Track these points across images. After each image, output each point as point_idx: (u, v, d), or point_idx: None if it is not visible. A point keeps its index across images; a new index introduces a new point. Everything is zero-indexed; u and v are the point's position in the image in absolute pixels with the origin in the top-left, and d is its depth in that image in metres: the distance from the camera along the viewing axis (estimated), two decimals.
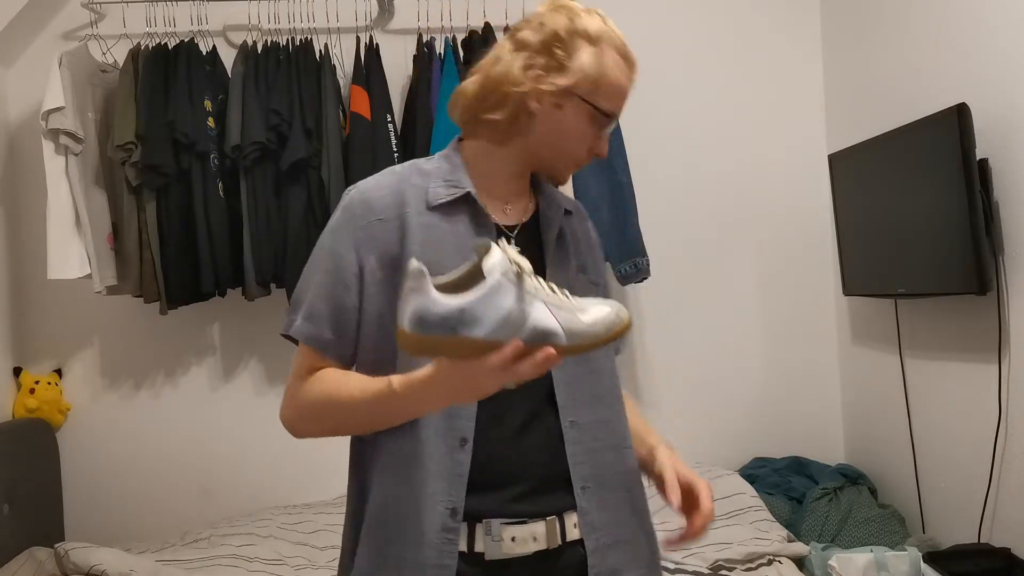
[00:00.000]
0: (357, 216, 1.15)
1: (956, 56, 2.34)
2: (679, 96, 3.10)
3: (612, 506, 1.18)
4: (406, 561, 1.09)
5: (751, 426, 3.13)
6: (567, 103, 1.14)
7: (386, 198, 1.15)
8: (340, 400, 1.10)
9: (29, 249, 2.89)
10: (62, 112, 2.54)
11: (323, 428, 1.15)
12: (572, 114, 1.14)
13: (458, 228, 1.15)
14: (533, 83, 1.13)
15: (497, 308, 0.88)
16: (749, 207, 3.15)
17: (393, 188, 1.16)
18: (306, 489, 2.96)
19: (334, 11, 2.93)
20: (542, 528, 1.12)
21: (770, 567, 2.29)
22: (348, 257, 1.13)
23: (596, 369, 1.20)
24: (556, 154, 1.18)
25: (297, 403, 1.15)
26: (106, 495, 2.96)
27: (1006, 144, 2.14)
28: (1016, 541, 2.15)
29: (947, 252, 2.22)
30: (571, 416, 1.16)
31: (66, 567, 2.29)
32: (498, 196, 1.21)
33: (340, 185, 2.73)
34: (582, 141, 1.17)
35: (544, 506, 1.14)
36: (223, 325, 3.03)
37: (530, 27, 1.16)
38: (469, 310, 0.87)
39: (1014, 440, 2.17)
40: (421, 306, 0.87)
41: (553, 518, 1.13)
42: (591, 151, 1.19)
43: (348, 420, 1.12)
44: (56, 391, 2.90)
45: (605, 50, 1.14)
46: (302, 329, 1.15)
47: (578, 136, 1.16)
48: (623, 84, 1.16)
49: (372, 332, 1.14)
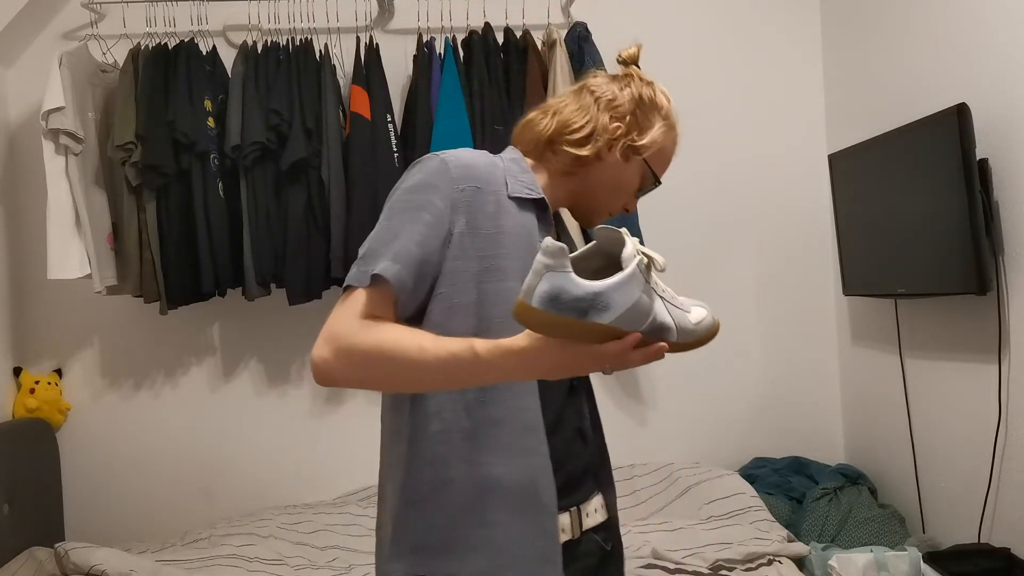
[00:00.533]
0: (456, 178, 1.13)
1: (956, 56, 2.34)
2: (679, 96, 3.06)
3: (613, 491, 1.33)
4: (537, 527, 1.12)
5: (751, 426, 3.13)
6: (633, 160, 1.27)
7: (484, 171, 1.17)
8: (406, 351, 1.02)
9: (29, 249, 2.89)
10: (62, 112, 2.54)
11: (368, 376, 1.07)
12: (633, 170, 1.28)
13: (528, 224, 1.19)
14: (621, 135, 1.26)
15: (628, 297, 0.89)
16: (749, 207, 3.15)
17: (488, 167, 1.19)
18: (306, 489, 2.96)
19: (334, 11, 2.93)
20: (567, 520, 1.19)
21: (770, 567, 2.29)
22: (446, 212, 1.11)
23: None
24: (604, 199, 1.29)
25: (345, 343, 1.05)
26: (106, 495, 2.96)
27: (1006, 144, 2.14)
28: (1016, 541, 2.15)
29: (947, 252, 2.22)
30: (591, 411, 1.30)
31: (66, 567, 2.29)
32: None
33: (340, 185, 2.73)
34: (626, 194, 1.30)
35: (568, 500, 1.19)
36: (223, 325, 3.03)
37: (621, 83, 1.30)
38: (604, 295, 0.88)
39: (1014, 440, 2.17)
40: (557, 285, 0.86)
41: (575, 509, 1.20)
42: (624, 206, 1.32)
43: (405, 374, 1.04)
44: (56, 391, 2.90)
45: (670, 129, 1.31)
46: (391, 270, 1.07)
47: (627, 189, 1.29)
48: (671, 156, 1.33)
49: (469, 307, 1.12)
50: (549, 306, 0.87)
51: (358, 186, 2.71)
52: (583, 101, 1.27)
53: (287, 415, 3.03)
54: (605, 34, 2.88)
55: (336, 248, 2.72)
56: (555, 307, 0.87)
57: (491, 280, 1.12)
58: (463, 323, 1.10)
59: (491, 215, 1.15)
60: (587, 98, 1.27)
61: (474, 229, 1.13)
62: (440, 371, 1.01)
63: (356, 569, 2.48)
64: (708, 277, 3.12)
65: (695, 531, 2.48)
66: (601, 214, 1.31)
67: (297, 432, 3.04)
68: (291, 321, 2.95)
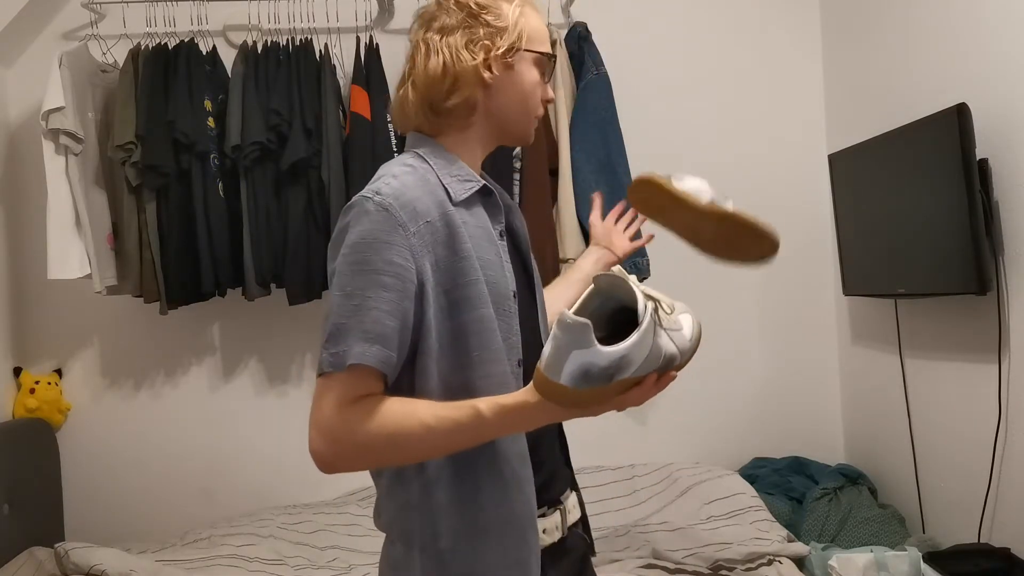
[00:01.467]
0: (406, 222, 1.06)
1: (956, 56, 2.34)
2: (679, 96, 3.10)
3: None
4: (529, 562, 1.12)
5: (751, 426, 3.13)
6: (516, 61, 1.19)
7: (424, 199, 1.10)
8: (410, 433, 1.01)
9: (29, 249, 2.89)
10: (62, 112, 2.54)
11: (375, 461, 1.10)
12: (524, 69, 1.20)
13: (481, 220, 1.17)
14: (484, 53, 1.16)
15: (644, 348, 0.89)
16: (749, 207, 3.12)
17: (423, 188, 1.11)
18: (306, 489, 2.96)
19: (334, 11, 2.93)
20: (558, 517, 1.18)
21: (770, 567, 2.29)
22: (408, 267, 1.05)
23: None
24: (520, 114, 1.22)
25: (347, 438, 1.02)
26: (106, 495, 2.96)
27: (1006, 144, 2.14)
28: (1016, 541, 2.15)
29: (947, 252, 2.22)
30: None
31: (66, 567, 2.29)
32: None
33: (340, 185, 2.73)
34: (536, 91, 1.22)
35: (553, 498, 1.19)
36: (223, 325, 3.03)
37: (442, 13, 1.19)
38: (628, 356, 0.87)
39: (1014, 440, 2.17)
40: (587, 361, 0.85)
41: (559, 507, 1.20)
42: (544, 101, 1.24)
43: (414, 452, 1.05)
44: (56, 391, 2.90)
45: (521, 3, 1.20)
46: (374, 354, 1.02)
47: (533, 88, 1.21)
48: (542, 24, 1.23)
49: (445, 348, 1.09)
50: (579, 383, 0.86)
51: (358, 186, 2.69)
52: (425, 52, 1.18)
53: (287, 415, 3.03)
54: (605, 34, 2.88)
55: None
56: (587, 382, 0.87)
57: (461, 312, 1.09)
58: (445, 364, 1.09)
59: (446, 243, 1.09)
60: (424, 47, 1.18)
61: (438, 266, 1.08)
62: (451, 441, 1.03)
63: (356, 569, 2.47)
64: (708, 277, 3.11)
65: (695, 531, 2.48)
66: (529, 126, 1.24)
67: (297, 432, 3.02)
68: (291, 321, 2.94)
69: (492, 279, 1.12)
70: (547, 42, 1.23)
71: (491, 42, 1.17)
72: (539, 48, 1.21)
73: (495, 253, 1.15)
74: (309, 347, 3.05)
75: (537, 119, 1.25)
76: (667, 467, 2.89)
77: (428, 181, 1.13)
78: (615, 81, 2.84)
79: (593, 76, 2.82)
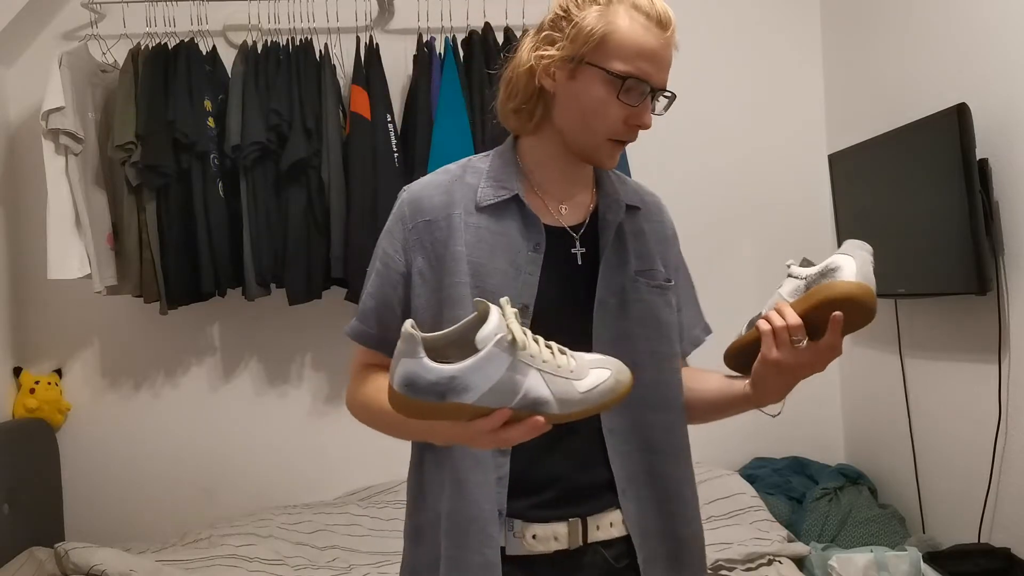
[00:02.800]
0: (406, 217, 1.16)
1: (956, 56, 2.34)
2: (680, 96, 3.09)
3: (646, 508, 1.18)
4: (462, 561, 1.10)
5: (751, 426, 3.11)
6: (580, 73, 1.09)
7: (435, 198, 1.16)
8: (372, 407, 1.12)
9: (29, 249, 2.89)
10: (62, 112, 2.54)
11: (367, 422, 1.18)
12: (585, 82, 1.09)
13: (508, 230, 1.14)
14: (544, 59, 1.10)
15: (487, 377, 0.88)
16: (749, 207, 3.14)
17: (444, 188, 1.17)
18: (306, 489, 2.96)
19: (334, 11, 2.93)
20: (564, 529, 1.13)
21: (770, 567, 2.29)
22: (396, 257, 1.16)
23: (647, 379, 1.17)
24: (582, 131, 1.12)
25: (348, 399, 1.21)
26: (106, 495, 2.96)
27: (1006, 144, 2.14)
28: (1016, 541, 2.15)
29: (947, 252, 2.22)
30: (608, 424, 1.16)
31: (66, 567, 2.29)
32: (554, 194, 1.19)
33: (340, 185, 2.73)
34: (604, 111, 1.09)
35: (571, 510, 1.14)
36: (223, 325, 3.03)
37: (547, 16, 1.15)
38: (460, 378, 0.87)
39: (1014, 440, 2.17)
40: (411, 371, 0.87)
41: (576, 520, 1.14)
42: (628, 123, 1.11)
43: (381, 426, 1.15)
44: (56, 391, 2.90)
45: (615, 9, 1.08)
46: (353, 327, 1.20)
47: (596, 106, 1.09)
48: (641, 40, 1.07)
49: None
50: (408, 391, 0.88)
51: (358, 186, 2.71)
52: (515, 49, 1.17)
53: (287, 415, 3.03)
54: None
55: (336, 248, 2.72)
56: (413, 392, 0.87)
57: (447, 310, 1.11)
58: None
59: (443, 242, 1.13)
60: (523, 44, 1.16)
61: (431, 262, 1.14)
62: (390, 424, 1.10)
63: (356, 569, 2.47)
64: (708, 277, 3.10)
65: None
66: (600, 147, 1.13)
67: (297, 432, 3.04)
68: (291, 321, 2.94)
69: (490, 286, 1.10)
70: (634, 57, 1.07)
71: (557, 49, 1.09)
72: (609, 64, 1.07)
73: (510, 263, 1.13)
74: (309, 347, 3.05)
75: (614, 141, 1.13)
76: None
77: (463, 182, 1.17)
78: None
79: None
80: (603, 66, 1.08)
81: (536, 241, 1.14)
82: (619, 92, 1.08)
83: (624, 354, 1.06)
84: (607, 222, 1.18)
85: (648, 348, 1.19)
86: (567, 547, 1.13)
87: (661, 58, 1.10)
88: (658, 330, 1.21)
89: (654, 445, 1.19)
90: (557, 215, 1.18)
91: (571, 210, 1.19)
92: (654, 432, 1.19)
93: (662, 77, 1.12)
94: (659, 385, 1.20)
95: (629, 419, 1.17)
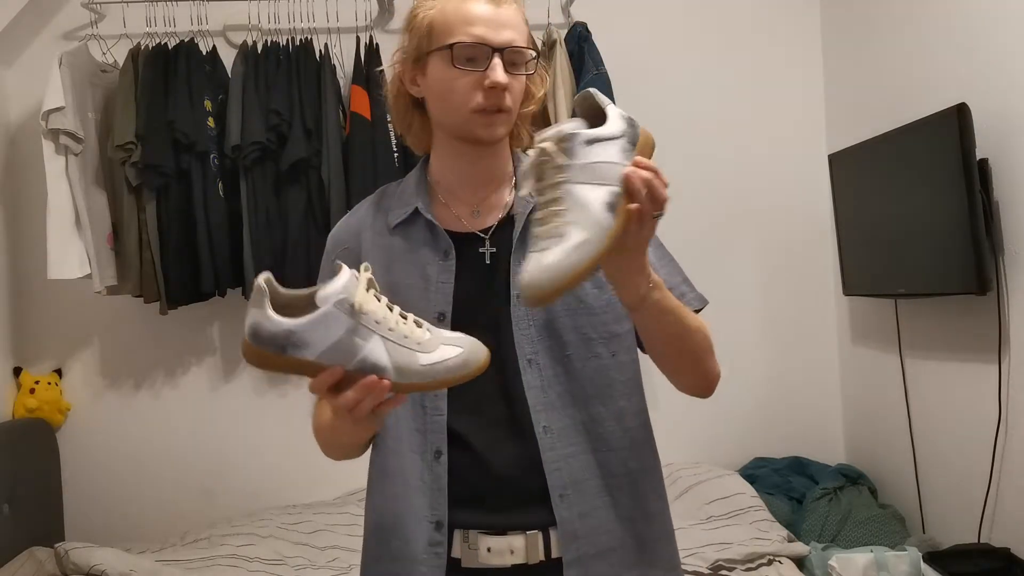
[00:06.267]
0: (329, 251, 1.27)
1: (956, 56, 2.34)
2: (679, 96, 3.10)
3: (595, 514, 1.12)
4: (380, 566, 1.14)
5: (751, 426, 3.12)
6: (428, 66, 1.12)
7: (350, 226, 1.25)
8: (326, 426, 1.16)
9: (29, 249, 2.89)
10: (62, 112, 2.54)
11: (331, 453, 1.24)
12: (433, 70, 1.12)
13: (416, 245, 1.17)
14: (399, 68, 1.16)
15: (325, 336, 0.91)
16: (749, 207, 3.14)
17: (357, 216, 1.25)
18: (306, 489, 2.96)
19: (334, 11, 2.93)
20: (520, 541, 1.09)
21: (770, 567, 2.29)
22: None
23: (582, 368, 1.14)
24: (448, 113, 1.13)
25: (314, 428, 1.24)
26: (106, 495, 2.96)
27: (1006, 144, 2.14)
28: (1016, 541, 2.15)
29: (947, 252, 2.22)
30: (544, 422, 1.11)
31: (66, 567, 2.29)
32: (466, 200, 1.19)
33: (340, 185, 2.73)
34: (453, 85, 1.10)
35: (526, 519, 1.10)
36: (223, 325, 3.03)
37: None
38: (297, 333, 0.91)
39: (1014, 440, 2.17)
40: (255, 321, 0.92)
41: (536, 532, 1.10)
42: (481, 88, 1.09)
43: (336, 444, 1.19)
44: (56, 391, 2.90)
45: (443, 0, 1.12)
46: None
47: (446, 83, 1.10)
48: (464, 10, 1.09)
49: None
50: (252, 340, 0.92)
51: (358, 186, 2.71)
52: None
53: (287, 415, 3.03)
54: (605, 34, 2.87)
55: None
56: (257, 342, 0.92)
57: None
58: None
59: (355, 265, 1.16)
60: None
61: None
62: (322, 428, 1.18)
63: (356, 569, 2.45)
64: (708, 277, 3.09)
65: (695, 531, 2.48)
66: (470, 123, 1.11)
67: (297, 432, 3.02)
68: None
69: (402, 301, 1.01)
70: (462, 24, 1.08)
71: (406, 55, 1.15)
72: (441, 43, 1.09)
73: (421, 276, 1.15)
74: None
75: (483, 111, 1.10)
76: (667, 467, 2.85)
77: (377, 207, 1.23)
78: (615, 81, 2.84)
79: (593, 76, 2.82)
80: (437, 47, 1.11)
81: (443, 249, 1.16)
82: (455, 60, 1.08)
83: (553, 345, 1.11)
84: (518, 216, 1.16)
85: (577, 336, 1.14)
86: (525, 561, 1.09)
87: (493, 19, 1.09)
88: (589, 314, 1.15)
89: (607, 442, 1.14)
90: (468, 221, 1.18)
91: (487, 212, 1.19)
92: (603, 426, 1.14)
93: (502, 36, 1.09)
94: (597, 373, 1.15)
95: (568, 417, 1.12)
